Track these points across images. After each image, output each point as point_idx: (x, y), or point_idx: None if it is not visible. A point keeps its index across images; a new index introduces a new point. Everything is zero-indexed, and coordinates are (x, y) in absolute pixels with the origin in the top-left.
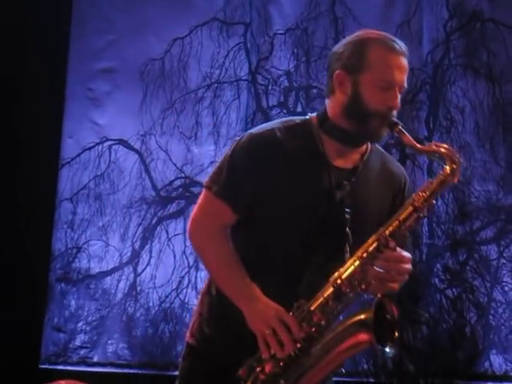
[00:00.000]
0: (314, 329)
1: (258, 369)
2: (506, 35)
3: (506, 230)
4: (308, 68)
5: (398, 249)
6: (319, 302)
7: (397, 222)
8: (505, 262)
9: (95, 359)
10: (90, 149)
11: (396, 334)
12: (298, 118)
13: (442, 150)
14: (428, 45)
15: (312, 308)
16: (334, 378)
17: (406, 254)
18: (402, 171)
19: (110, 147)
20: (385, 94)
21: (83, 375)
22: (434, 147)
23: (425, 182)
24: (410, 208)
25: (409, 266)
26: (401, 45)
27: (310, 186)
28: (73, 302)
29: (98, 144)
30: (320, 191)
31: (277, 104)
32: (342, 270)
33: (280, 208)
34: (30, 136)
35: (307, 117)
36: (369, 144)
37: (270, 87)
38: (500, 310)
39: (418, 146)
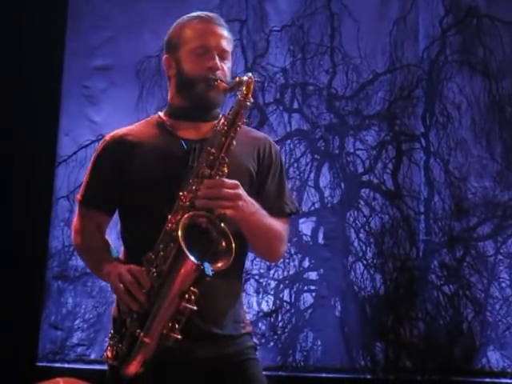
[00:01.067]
0: (160, 274)
1: (124, 329)
2: (502, 31)
3: (503, 226)
4: (304, 65)
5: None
6: (158, 247)
7: (208, 151)
8: (502, 258)
9: (92, 357)
10: (86, 146)
11: (223, 244)
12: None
13: (242, 77)
14: (424, 41)
15: (153, 256)
16: (330, 375)
17: (229, 180)
18: (266, 137)
19: None
20: (202, 58)
21: (80, 373)
22: (236, 79)
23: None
24: (218, 136)
25: (235, 191)
26: (213, 16)
27: (164, 159)
28: (70, 300)
29: (94, 141)
30: (174, 159)
31: (273, 101)
32: (172, 212)
33: (141, 188)
34: (27, 134)
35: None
36: (225, 119)
37: (266, 84)
38: (497, 307)
39: (227, 86)
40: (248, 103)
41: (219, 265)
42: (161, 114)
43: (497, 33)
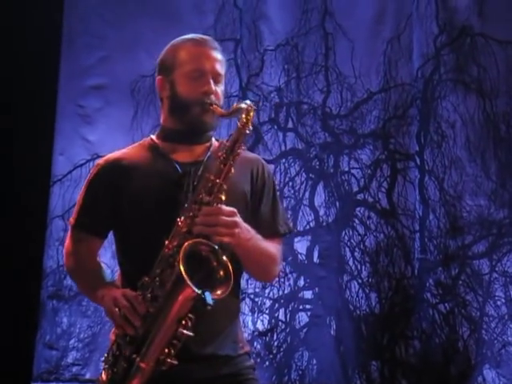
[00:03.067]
0: (156, 299)
1: (119, 353)
2: (496, 50)
3: (498, 245)
4: (298, 84)
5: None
6: (155, 272)
7: (207, 178)
8: (497, 276)
9: (87, 376)
10: (81, 166)
11: (222, 272)
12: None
13: (241, 104)
14: (418, 60)
15: (149, 281)
16: None
17: (227, 207)
18: (259, 158)
19: None
20: (197, 82)
21: None
22: (235, 105)
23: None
24: (217, 162)
25: (232, 218)
26: (208, 39)
27: (159, 183)
28: (65, 319)
29: (89, 161)
30: (169, 183)
31: (268, 120)
32: (169, 237)
33: (137, 212)
34: (22, 153)
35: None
36: (223, 146)
37: (260, 103)
38: (493, 325)
39: (224, 112)
40: (247, 131)
41: (218, 293)
42: (153, 136)
43: (490, 51)
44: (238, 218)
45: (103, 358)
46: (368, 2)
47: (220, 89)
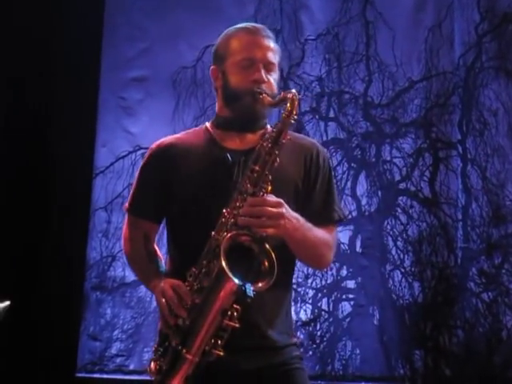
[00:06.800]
0: (202, 291)
1: (167, 344)
2: None
3: None
4: (340, 73)
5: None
6: (201, 263)
7: (251, 168)
8: None
9: (131, 367)
10: (123, 157)
11: (266, 264)
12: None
13: (286, 94)
14: (460, 48)
15: (197, 271)
16: None
17: (272, 198)
18: (314, 143)
19: (143, 155)
20: (248, 71)
21: (120, 383)
22: (281, 95)
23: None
24: (261, 152)
25: (278, 210)
26: (260, 27)
27: (209, 171)
28: (108, 311)
29: (131, 152)
30: (219, 171)
31: (309, 110)
32: (216, 227)
33: (186, 200)
34: (64, 146)
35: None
36: (269, 136)
37: (302, 93)
38: None
39: (272, 101)
40: (292, 121)
41: (260, 285)
42: (208, 124)
43: None
44: (284, 209)
45: (153, 349)
46: None
47: (273, 77)
